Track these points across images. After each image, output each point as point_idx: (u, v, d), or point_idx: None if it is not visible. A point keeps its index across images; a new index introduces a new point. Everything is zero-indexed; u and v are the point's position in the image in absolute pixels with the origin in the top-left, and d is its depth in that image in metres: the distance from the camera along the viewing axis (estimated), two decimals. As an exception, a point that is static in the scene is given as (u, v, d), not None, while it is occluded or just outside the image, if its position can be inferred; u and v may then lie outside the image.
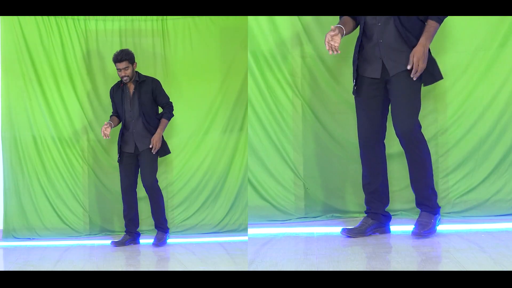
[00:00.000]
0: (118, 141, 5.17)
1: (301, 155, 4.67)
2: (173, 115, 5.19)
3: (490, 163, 4.47)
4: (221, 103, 5.46)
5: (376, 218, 4.12)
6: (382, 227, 4.14)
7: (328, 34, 3.83)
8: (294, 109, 4.66)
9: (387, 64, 3.90)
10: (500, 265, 3.23)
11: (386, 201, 4.17)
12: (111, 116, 5.21)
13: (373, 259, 3.51)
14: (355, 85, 4.02)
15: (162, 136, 5.11)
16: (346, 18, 4.00)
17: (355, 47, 4.01)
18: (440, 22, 3.84)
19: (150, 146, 5.04)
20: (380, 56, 3.92)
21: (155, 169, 5.17)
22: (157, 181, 5.20)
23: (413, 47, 3.82)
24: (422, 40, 3.81)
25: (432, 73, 3.91)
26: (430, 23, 3.83)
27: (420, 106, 3.94)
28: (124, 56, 5.01)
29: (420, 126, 3.94)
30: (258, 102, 4.66)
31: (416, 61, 3.78)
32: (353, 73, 4.01)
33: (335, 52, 3.85)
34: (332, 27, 3.86)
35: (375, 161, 4.09)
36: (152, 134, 5.07)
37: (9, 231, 5.34)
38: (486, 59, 4.44)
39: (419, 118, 3.92)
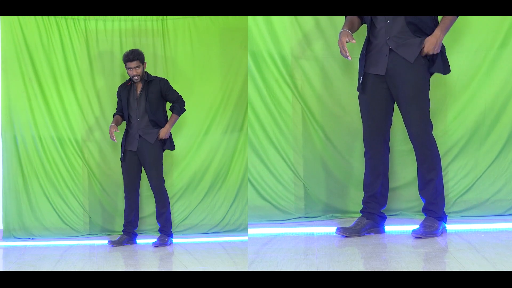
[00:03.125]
0: (122, 140, 5.18)
1: (301, 155, 4.67)
2: (184, 110, 5.19)
3: (490, 163, 4.47)
4: (221, 103, 5.46)
5: (371, 218, 4.12)
6: (377, 227, 4.14)
7: (341, 42, 3.85)
8: (293, 110, 4.65)
9: (393, 61, 3.90)
10: (500, 265, 3.23)
11: (384, 203, 4.17)
12: (114, 115, 5.23)
13: (373, 259, 3.51)
14: (360, 82, 4.02)
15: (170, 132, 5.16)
16: (353, 18, 4.00)
17: (363, 44, 4.01)
18: (457, 15, 3.86)
19: (157, 138, 5.07)
20: (386, 53, 3.92)
21: (160, 169, 5.17)
22: (164, 181, 5.21)
23: (424, 37, 3.84)
24: (436, 31, 3.83)
25: (442, 63, 3.94)
26: (447, 16, 3.85)
27: (429, 104, 3.95)
28: (135, 56, 5.04)
29: (431, 126, 3.95)
30: (258, 102, 4.66)
31: (426, 48, 3.81)
32: (360, 69, 4.02)
33: (349, 58, 3.86)
34: (346, 35, 3.86)
35: (378, 162, 4.08)
36: (159, 129, 5.10)
37: (9, 231, 5.34)
38: (487, 59, 4.43)
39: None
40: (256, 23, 4.58)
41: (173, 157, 5.43)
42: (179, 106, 5.16)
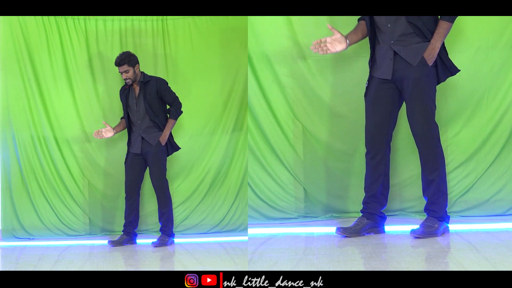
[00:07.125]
0: (127, 143, 5.19)
1: (301, 157, 4.66)
2: (181, 112, 5.18)
3: (491, 163, 4.47)
4: (221, 103, 5.45)
5: (372, 218, 4.12)
6: (377, 227, 4.14)
7: (330, 38, 3.92)
8: (293, 110, 4.64)
9: (398, 65, 3.93)
10: (500, 265, 3.23)
11: (384, 203, 4.18)
12: (121, 118, 5.24)
13: (373, 259, 3.51)
14: (366, 85, 4.06)
15: (171, 133, 5.15)
16: (360, 26, 4.05)
17: (370, 50, 4.06)
18: (452, 21, 3.88)
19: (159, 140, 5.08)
20: (391, 57, 3.94)
21: (163, 170, 5.17)
22: (167, 182, 5.21)
23: (427, 39, 3.86)
24: (432, 41, 3.86)
25: (447, 68, 3.96)
26: (442, 24, 3.86)
27: (435, 106, 3.98)
28: (123, 60, 5.02)
29: (437, 126, 3.97)
30: (258, 102, 4.65)
31: (425, 57, 3.86)
32: (369, 75, 4.08)
33: (320, 52, 3.95)
34: (335, 33, 3.95)
35: (379, 162, 4.10)
36: (161, 130, 5.10)
37: (9, 231, 5.34)
38: (489, 58, 4.43)
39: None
40: (256, 23, 4.58)
41: (173, 157, 5.42)
42: (174, 110, 5.14)
